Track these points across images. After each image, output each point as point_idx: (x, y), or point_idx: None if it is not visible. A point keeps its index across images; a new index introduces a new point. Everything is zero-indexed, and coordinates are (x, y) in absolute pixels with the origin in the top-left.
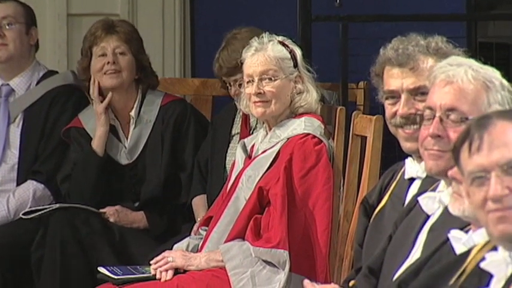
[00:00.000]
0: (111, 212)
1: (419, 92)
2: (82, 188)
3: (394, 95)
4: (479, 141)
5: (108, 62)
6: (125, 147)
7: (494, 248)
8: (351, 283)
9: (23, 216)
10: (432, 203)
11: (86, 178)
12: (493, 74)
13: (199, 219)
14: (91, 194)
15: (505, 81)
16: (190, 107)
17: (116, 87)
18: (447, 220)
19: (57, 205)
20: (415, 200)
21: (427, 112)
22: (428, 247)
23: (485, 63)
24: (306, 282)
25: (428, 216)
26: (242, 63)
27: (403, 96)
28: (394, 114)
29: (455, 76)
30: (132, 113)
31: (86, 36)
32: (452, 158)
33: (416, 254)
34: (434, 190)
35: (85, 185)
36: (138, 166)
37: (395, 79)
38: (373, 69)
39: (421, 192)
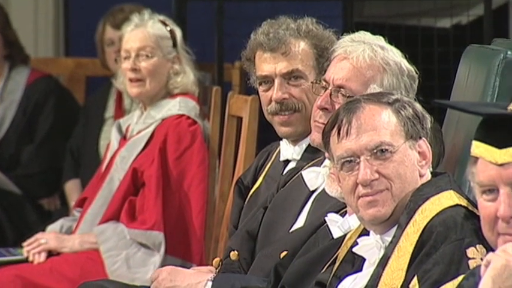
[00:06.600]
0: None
1: (293, 76)
2: None
3: (268, 80)
4: (348, 126)
5: None
6: None
7: (366, 233)
8: (214, 260)
9: None
10: (316, 178)
11: None
12: (393, 57)
13: (72, 203)
14: None
15: (406, 66)
16: (55, 84)
17: None
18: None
19: None
20: (293, 172)
21: (323, 83)
22: (311, 216)
23: None
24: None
25: (311, 192)
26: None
27: (277, 81)
28: (270, 101)
29: (351, 53)
30: None
31: None
32: (323, 143)
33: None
34: (319, 165)
35: None
36: (2, 147)
37: (267, 64)
38: (244, 54)
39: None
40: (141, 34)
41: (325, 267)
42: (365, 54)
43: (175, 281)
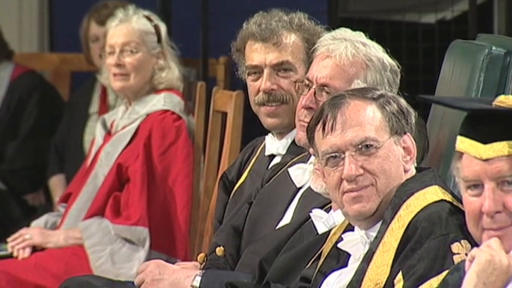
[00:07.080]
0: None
1: (282, 68)
2: None
3: (257, 70)
4: (333, 121)
5: None
6: None
7: (351, 228)
8: (199, 256)
9: None
10: (303, 175)
11: None
12: (375, 52)
13: (56, 198)
14: None
15: (388, 61)
16: (39, 79)
17: None
18: None
19: None
20: (279, 167)
21: (307, 82)
22: (298, 213)
23: None
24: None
25: (298, 188)
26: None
27: (266, 71)
28: (258, 91)
29: (334, 51)
30: None
31: None
32: (307, 138)
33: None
34: (305, 161)
35: None
36: None
37: (258, 54)
38: (234, 44)
39: None
40: (126, 29)
41: (310, 262)
42: (347, 51)
43: (163, 274)
